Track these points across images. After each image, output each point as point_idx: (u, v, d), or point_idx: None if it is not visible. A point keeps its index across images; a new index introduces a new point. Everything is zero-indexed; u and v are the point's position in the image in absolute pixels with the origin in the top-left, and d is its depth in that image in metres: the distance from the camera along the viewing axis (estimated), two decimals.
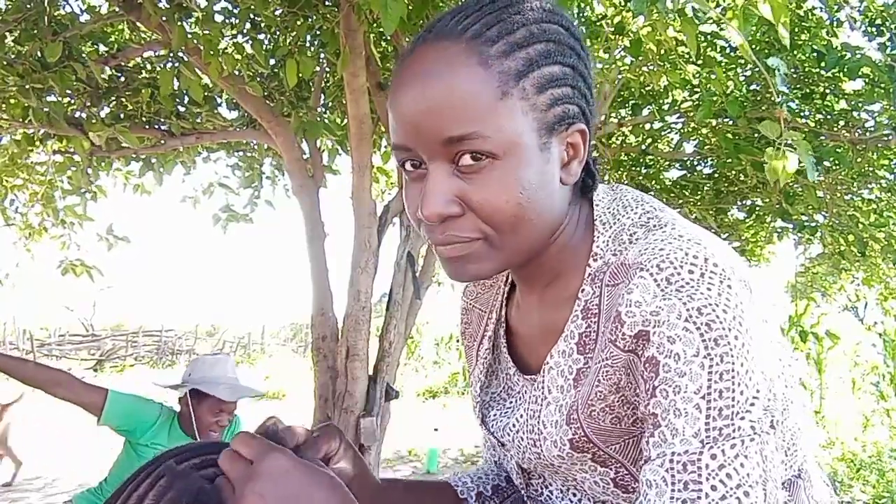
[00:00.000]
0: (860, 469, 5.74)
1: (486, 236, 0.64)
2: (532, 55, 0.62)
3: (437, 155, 0.62)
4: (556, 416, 0.70)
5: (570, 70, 0.65)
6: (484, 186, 0.62)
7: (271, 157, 5.08)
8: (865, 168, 4.41)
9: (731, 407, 0.56)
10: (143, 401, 2.39)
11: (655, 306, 0.59)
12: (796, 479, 0.73)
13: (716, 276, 0.59)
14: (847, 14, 3.43)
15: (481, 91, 0.60)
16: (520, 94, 0.61)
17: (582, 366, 0.68)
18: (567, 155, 0.66)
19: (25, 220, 4.98)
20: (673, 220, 0.67)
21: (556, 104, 0.64)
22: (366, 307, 3.45)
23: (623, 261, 0.65)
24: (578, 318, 0.69)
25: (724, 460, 0.54)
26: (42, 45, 2.91)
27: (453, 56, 0.61)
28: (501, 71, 0.61)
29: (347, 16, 2.75)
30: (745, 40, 1.84)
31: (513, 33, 0.62)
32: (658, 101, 4.50)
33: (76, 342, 20.07)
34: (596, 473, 0.71)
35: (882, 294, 8.81)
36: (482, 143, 0.60)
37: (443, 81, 0.60)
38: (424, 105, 0.61)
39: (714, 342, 0.56)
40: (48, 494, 5.72)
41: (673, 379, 0.57)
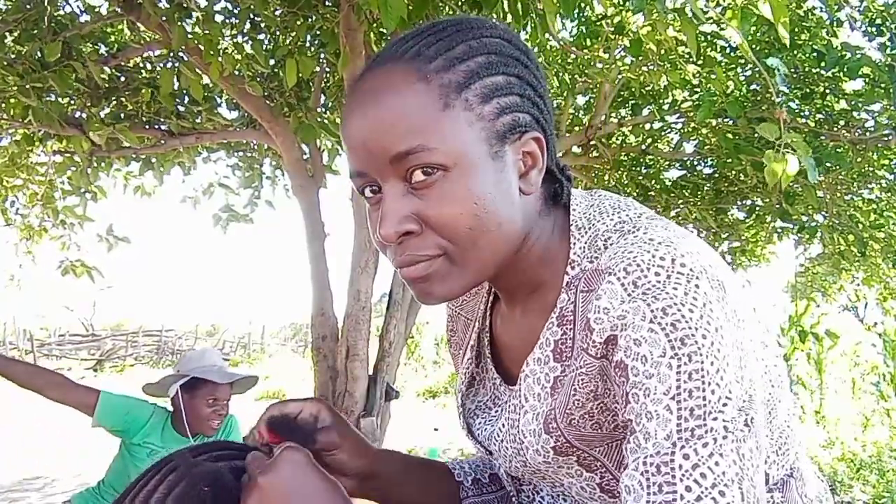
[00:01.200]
0: (860, 469, 5.74)
1: (446, 252, 0.64)
2: (473, 67, 0.63)
3: (389, 175, 0.63)
4: (534, 425, 0.69)
5: (516, 79, 0.65)
6: (437, 200, 0.62)
7: (271, 157, 5.08)
8: (865, 168, 4.41)
9: (702, 406, 0.55)
10: (136, 401, 2.39)
11: (622, 310, 0.59)
12: (788, 479, 0.73)
13: (682, 277, 0.58)
14: (847, 14, 3.43)
15: (423, 105, 0.61)
16: (463, 104, 0.62)
17: (559, 374, 0.68)
18: (524, 164, 0.66)
19: (26, 221, 4.98)
20: (647, 224, 0.67)
21: (504, 113, 0.64)
22: (366, 307, 3.45)
23: (596, 267, 0.65)
24: (554, 326, 0.69)
25: (697, 460, 0.54)
26: (42, 45, 2.91)
27: (395, 76, 0.62)
28: (442, 84, 0.61)
29: (347, 16, 2.75)
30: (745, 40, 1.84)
31: (452, 49, 0.63)
32: (658, 101, 4.50)
33: (76, 342, 20.08)
34: (582, 479, 0.71)
35: (882, 294, 8.81)
36: (428, 155, 0.61)
37: (386, 100, 0.61)
38: (370, 125, 0.62)
39: (681, 342, 0.56)
40: (48, 494, 5.71)
41: (642, 382, 0.57)
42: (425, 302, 0.67)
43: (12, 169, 4.44)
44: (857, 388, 9.84)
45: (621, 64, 3.74)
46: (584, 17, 3.84)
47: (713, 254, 0.65)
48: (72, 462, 6.84)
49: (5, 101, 3.44)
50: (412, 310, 3.80)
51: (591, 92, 4.94)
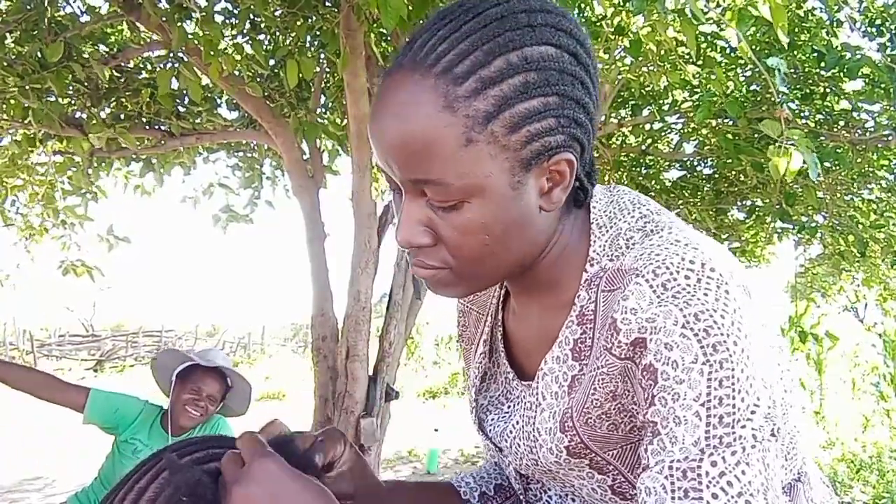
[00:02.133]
0: (860, 469, 5.74)
1: (451, 267, 0.64)
2: (506, 92, 0.58)
3: (408, 188, 0.62)
4: (550, 423, 0.69)
5: (557, 98, 0.60)
6: (451, 223, 0.62)
7: (271, 157, 5.08)
8: (865, 168, 4.41)
9: (731, 414, 0.54)
10: (125, 397, 2.40)
11: (651, 313, 0.58)
12: (796, 483, 0.73)
13: (713, 282, 0.58)
14: (847, 14, 3.43)
15: (444, 138, 0.58)
16: (487, 138, 0.58)
17: (577, 372, 0.67)
18: (549, 183, 0.63)
19: (26, 221, 4.98)
20: (670, 224, 0.66)
21: (534, 140, 0.60)
22: (366, 307, 3.45)
23: (619, 266, 0.64)
24: (573, 324, 0.68)
25: (724, 468, 0.53)
26: (42, 46, 2.91)
27: (419, 94, 0.58)
28: (468, 115, 0.58)
29: (347, 16, 2.75)
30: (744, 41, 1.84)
31: (487, 66, 0.58)
32: (658, 101, 4.50)
33: (76, 342, 20.07)
34: (593, 480, 0.71)
35: (882, 295, 8.81)
36: (444, 190, 0.60)
37: (406, 122, 0.59)
38: (390, 143, 0.60)
39: (713, 348, 0.55)
40: (48, 495, 5.71)
41: (671, 386, 0.56)
42: (435, 293, 0.68)
43: (12, 169, 4.44)
44: (857, 388, 9.83)
45: (621, 64, 3.74)
46: (584, 17, 3.84)
47: (732, 257, 0.65)
48: (72, 462, 6.84)
49: (5, 101, 3.44)
50: (412, 310, 3.79)
51: None
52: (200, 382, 2.32)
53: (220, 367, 2.36)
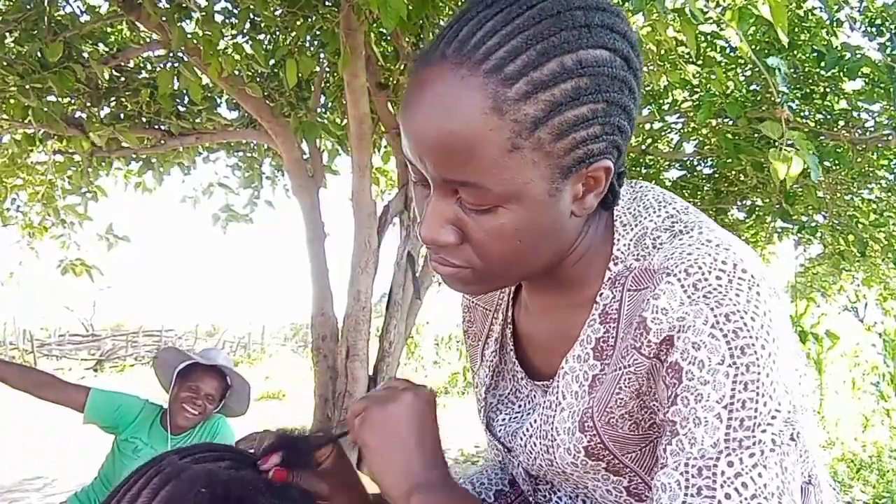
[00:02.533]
0: (860, 469, 5.74)
1: (474, 268, 0.62)
2: (557, 97, 0.55)
3: (439, 184, 0.59)
4: (569, 423, 0.68)
5: (605, 105, 0.57)
6: (482, 226, 0.59)
7: (271, 157, 5.08)
8: (865, 168, 4.40)
9: (753, 418, 0.54)
10: (126, 396, 2.40)
11: (682, 312, 0.57)
12: (807, 486, 0.73)
13: (745, 283, 0.57)
14: (847, 14, 3.43)
15: (489, 141, 0.54)
16: (533, 144, 0.55)
17: (598, 372, 0.66)
18: (583, 188, 0.61)
19: (26, 220, 4.98)
20: (700, 223, 0.65)
21: (578, 147, 0.57)
22: (366, 307, 3.45)
23: (647, 266, 0.63)
24: (596, 323, 0.67)
25: (740, 468, 0.53)
26: (42, 46, 2.91)
27: (466, 91, 0.54)
28: (516, 119, 0.54)
29: (347, 16, 2.75)
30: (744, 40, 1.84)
31: (540, 67, 0.54)
32: (658, 101, 4.50)
33: (76, 342, 20.06)
34: (609, 482, 0.70)
35: (882, 294, 8.81)
36: (482, 194, 0.57)
37: (450, 120, 0.55)
38: (429, 139, 0.56)
39: (741, 350, 0.55)
40: (48, 494, 5.71)
41: (695, 387, 0.56)
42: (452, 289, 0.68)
43: (12, 169, 4.44)
44: (857, 388, 9.83)
45: None
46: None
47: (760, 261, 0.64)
48: (72, 462, 6.83)
49: (5, 101, 3.44)
50: (412, 310, 3.79)
51: None
52: (199, 381, 2.31)
53: (220, 366, 2.36)
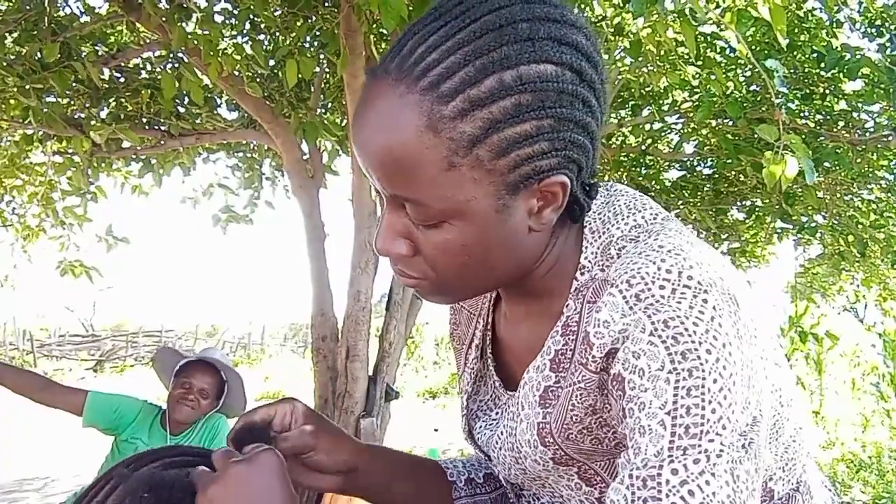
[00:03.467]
0: (860, 469, 5.74)
1: (430, 280, 0.63)
2: (495, 115, 0.54)
3: (388, 198, 0.60)
4: (528, 436, 0.67)
5: (552, 122, 0.56)
6: (430, 239, 0.59)
7: (271, 157, 5.08)
8: (865, 168, 4.41)
9: (699, 425, 0.51)
10: (124, 397, 2.40)
11: (623, 324, 0.56)
12: (794, 493, 0.72)
13: (689, 290, 0.55)
14: (846, 15, 3.43)
15: (425, 160, 0.54)
16: (471, 162, 0.55)
17: (551, 384, 0.65)
18: (539, 203, 0.60)
19: (24, 222, 4.98)
20: (660, 230, 0.63)
21: (524, 164, 0.56)
22: (366, 307, 3.45)
23: (605, 277, 0.61)
24: (558, 335, 0.65)
25: (686, 476, 0.50)
26: (42, 46, 2.91)
27: (403, 109, 0.54)
28: (452, 138, 0.54)
29: (347, 16, 2.75)
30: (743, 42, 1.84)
31: (477, 84, 0.53)
32: (658, 101, 4.50)
33: (76, 342, 20.07)
34: (581, 492, 0.69)
35: (881, 295, 8.81)
36: (424, 210, 0.57)
37: (388, 138, 0.55)
38: (371, 154, 0.57)
39: (681, 356, 0.53)
40: (47, 494, 5.71)
41: (638, 395, 0.54)
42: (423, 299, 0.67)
43: (11, 169, 4.44)
44: (857, 388, 9.83)
45: (621, 65, 3.74)
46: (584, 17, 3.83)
47: (726, 265, 0.62)
48: (72, 462, 6.83)
49: (5, 101, 3.44)
50: (412, 310, 3.80)
51: None
52: (192, 377, 2.32)
53: (209, 359, 2.36)
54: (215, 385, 2.37)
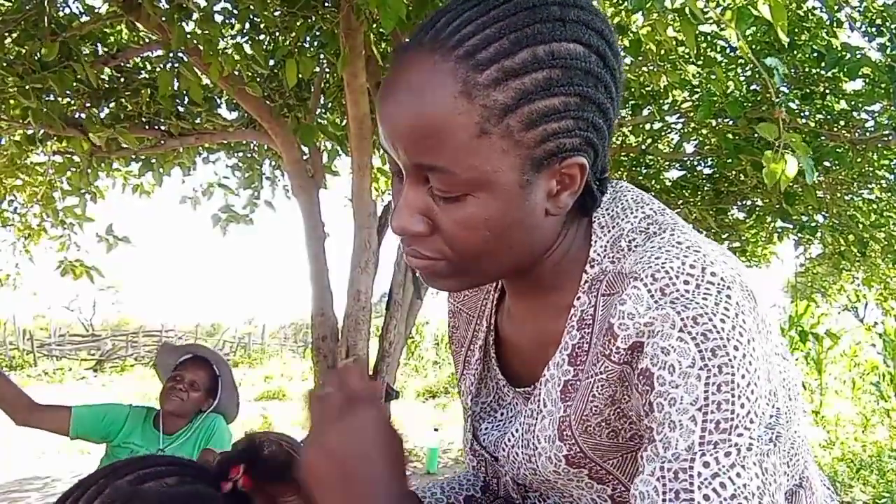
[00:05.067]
0: (860, 469, 5.74)
1: (447, 259, 0.62)
2: (527, 86, 0.56)
3: (411, 172, 0.60)
4: (549, 431, 0.67)
5: (578, 100, 0.57)
6: (452, 215, 0.59)
7: (271, 157, 5.08)
8: (865, 168, 4.41)
9: (729, 420, 0.53)
10: (109, 405, 2.38)
11: (649, 317, 0.56)
12: (798, 489, 0.72)
13: (713, 286, 0.56)
14: (847, 14, 3.43)
15: (458, 125, 0.55)
16: (502, 131, 0.56)
17: (571, 377, 0.66)
18: (557, 185, 0.61)
19: (24, 221, 4.98)
20: (673, 225, 0.64)
21: (549, 139, 0.58)
22: (366, 307, 3.45)
23: (620, 269, 0.62)
24: (573, 329, 0.66)
25: (717, 469, 0.51)
26: (41, 46, 2.91)
27: (437, 76, 0.55)
28: (485, 105, 0.55)
29: (347, 16, 2.75)
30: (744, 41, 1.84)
31: (511, 56, 0.55)
32: (658, 101, 4.50)
33: (76, 342, 20.07)
34: (593, 490, 0.69)
35: (882, 294, 8.82)
36: (449, 178, 0.57)
37: (421, 104, 0.56)
38: (399, 123, 0.58)
39: (711, 352, 0.54)
40: (48, 494, 5.71)
41: (668, 391, 0.54)
42: (429, 286, 0.66)
43: (11, 169, 4.43)
44: (857, 388, 9.83)
45: None
46: None
47: (739, 262, 0.63)
48: (72, 462, 6.83)
49: (5, 101, 3.44)
50: (412, 310, 3.80)
51: None
52: (183, 370, 2.33)
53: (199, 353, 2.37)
54: (206, 378, 2.35)
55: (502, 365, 0.79)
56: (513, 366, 0.78)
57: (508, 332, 0.78)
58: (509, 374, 0.78)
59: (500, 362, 0.80)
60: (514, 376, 0.78)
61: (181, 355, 2.41)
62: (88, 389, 13.25)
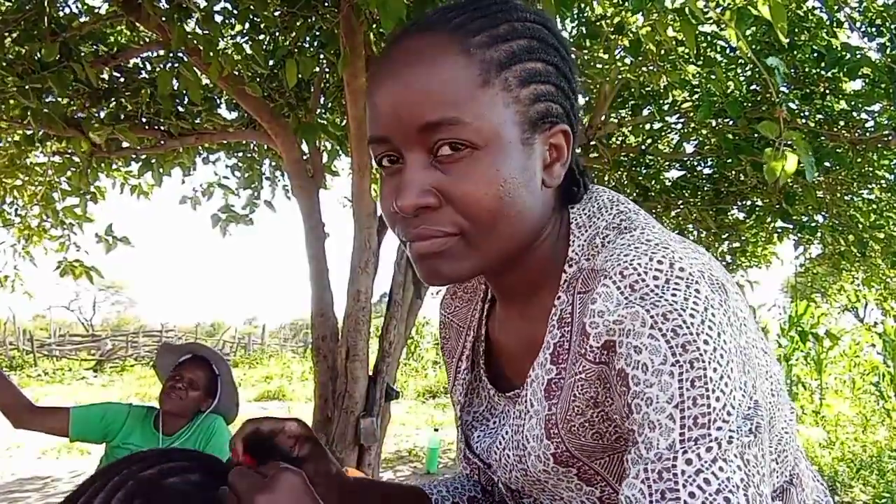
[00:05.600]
0: (860, 469, 5.74)
1: (463, 231, 0.62)
2: (515, 49, 0.62)
3: (414, 144, 0.61)
4: (537, 430, 0.68)
5: (554, 69, 0.64)
6: (463, 177, 0.60)
7: (271, 157, 5.08)
8: (865, 168, 4.41)
9: (706, 415, 0.53)
10: (108, 405, 2.38)
11: (619, 315, 0.57)
12: (788, 486, 0.72)
13: (682, 281, 0.57)
14: (847, 14, 3.43)
15: (462, 77, 0.59)
16: (502, 84, 0.61)
17: (554, 376, 0.66)
18: (550, 156, 0.65)
19: (25, 222, 4.97)
20: (644, 224, 0.66)
21: (540, 100, 0.63)
22: (366, 307, 3.45)
23: (593, 266, 0.64)
24: (555, 328, 0.67)
25: (700, 465, 0.51)
26: (41, 46, 2.90)
27: (435, 44, 0.60)
28: (484, 60, 0.60)
29: (347, 16, 2.75)
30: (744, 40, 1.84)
31: (496, 27, 0.62)
32: (658, 101, 4.50)
33: (76, 342, 20.07)
34: (582, 493, 0.70)
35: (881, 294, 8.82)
36: (461, 129, 0.59)
37: (423, 67, 0.60)
38: (403, 91, 0.60)
39: (682, 348, 0.54)
40: (48, 494, 5.71)
41: (644, 391, 0.55)
42: (430, 282, 0.65)
43: (11, 169, 4.43)
44: (857, 388, 9.83)
45: (621, 64, 3.73)
46: (584, 17, 3.84)
47: (709, 256, 0.64)
48: (72, 462, 6.83)
49: (4, 101, 3.44)
50: (412, 310, 3.79)
51: (590, 92, 4.94)
52: (182, 369, 2.32)
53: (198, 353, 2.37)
54: (205, 378, 2.35)
55: (494, 373, 0.80)
56: (504, 373, 0.79)
57: (498, 339, 0.79)
58: (500, 382, 0.79)
59: (491, 371, 0.80)
60: (505, 383, 0.78)
61: (181, 355, 2.41)
62: (88, 389, 13.26)
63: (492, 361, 0.81)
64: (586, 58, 3.70)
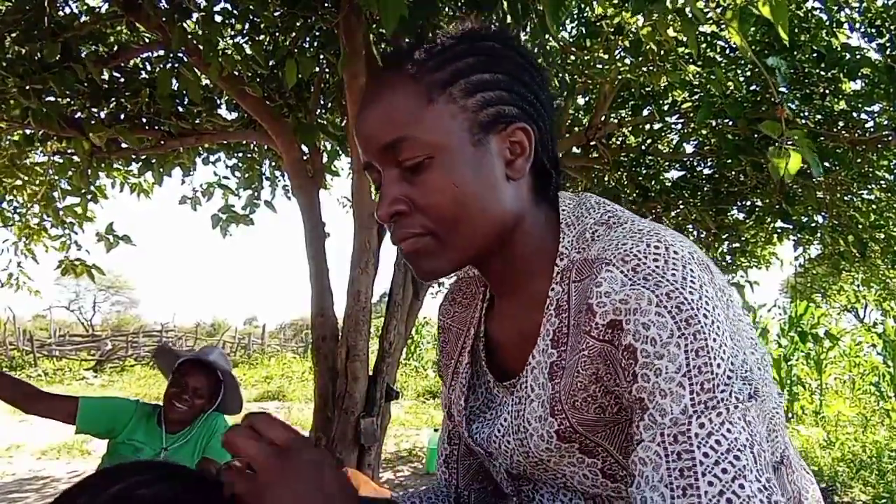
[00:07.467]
0: (860, 469, 5.74)
1: (431, 231, 0.71)
2: (460, 67, 0.70)
3: (385, 163, 0.71)
4: (540, 412, 0.73)
5: (505, 76, 0.72)
6: (423, 185, 0.69)
7: (271, 157, 5.08)
8: (865, 169, 4.41)
9: (711, 380, 0.59)
10: (116, 400, 2.40)
11: (624, 294, 0.63)
12: (779, 465, 0.74)
13: (678, 262, 0.64)
14: (847, 15, 3.43)
15: (409, 101, 0.69)
16: (446, 98, 0.69)
17: (556, 359, 0.72)
18: (511, 153, 0.72)
19: (25, 221, 4.97)
20: (631, 218, 0.73)
21: (489, 105, 0.70)
22: (366, 307, 3.45)
23: (586, 257, 0.70)
24: (552, 317, 0.73)
25: (711, 428, 0.57)
26: (42, 46, 2.90)
27: (391, 77, 0.71)
28: (429, 82, 0.69)
29: (347, 16, 2.75)
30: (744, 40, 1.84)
31: (443, 53, 0.71)
32: (658, 101, 4.50)
33: (76, 342, 20.07)
34: (584, 465, 0.73)
35: (881, 294, 8.82)
36: (412, 144, 0.68)
37: (381, 99, 0.71)
38: (367, 122, 0.71)
39: (686, 322, 0.60)
40: (48, 494, 5.71)
41: (653, 362, 0.61)
42: (420, 278, 0.73)
43: (12, 170, 4.43)
44: (857, 388, 9.84)
45: (621, 64, 3.73)
46: (584, 17, 3.84)
47: (690, 242, 0.70)
48: (72, 462, 6.83)
49: (5, 101, 3.44)
50: (412, 310, 3.79)
51: (590, 92, 4.94)
52: (186, 376, 2.32)
53: (202, 359, 2.36)
54: (210, 384, 2.37)
55: (493, 366, 0.86)
56: (502, 363, 0.84)
57: (497, 333, 0.85)
58: (498, 373, 0.84)
59: (493, 364, 0.86)
60: (503, 373, 0.83)
61: (180, 357, 2.40)
62: (88, 390, 13.25)
63: (491, 357, 0.86)
64: (586, 58, 3.70)
